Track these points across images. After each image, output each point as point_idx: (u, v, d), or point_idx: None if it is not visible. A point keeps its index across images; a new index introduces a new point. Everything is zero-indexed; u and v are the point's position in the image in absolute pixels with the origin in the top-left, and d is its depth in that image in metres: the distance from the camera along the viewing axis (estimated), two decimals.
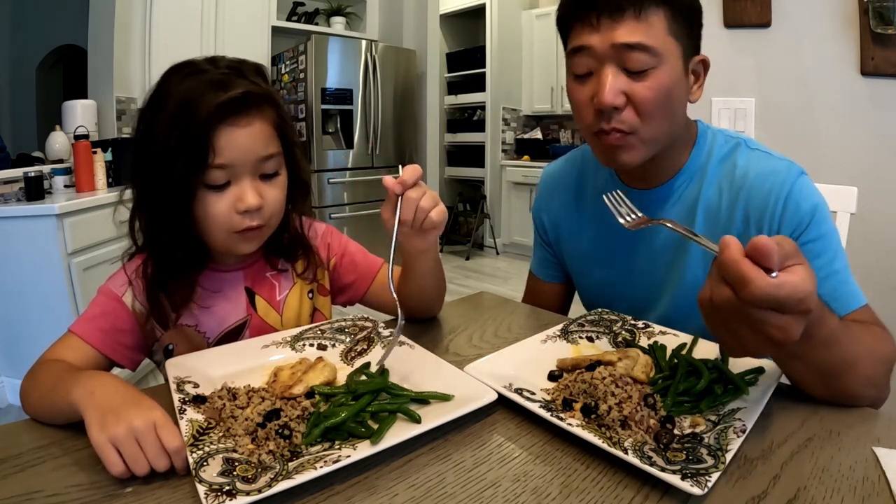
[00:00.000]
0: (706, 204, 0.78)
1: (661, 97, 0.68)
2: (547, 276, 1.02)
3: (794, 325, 0.42)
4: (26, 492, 0.45)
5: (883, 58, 1.28)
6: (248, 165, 0.68)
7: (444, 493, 0.45)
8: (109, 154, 2.58)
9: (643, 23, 0.66)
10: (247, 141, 0.67)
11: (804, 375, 0.56)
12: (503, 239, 5.04)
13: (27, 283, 2.04)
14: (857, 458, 0.48)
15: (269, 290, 0.81)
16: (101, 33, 2.90)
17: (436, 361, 0.66)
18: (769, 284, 0.40)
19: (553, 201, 0.97)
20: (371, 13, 4.22)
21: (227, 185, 0.68)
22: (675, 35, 0.68)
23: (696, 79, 0.74)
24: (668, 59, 0.68)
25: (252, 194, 0.68)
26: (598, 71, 0.69)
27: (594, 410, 0.53)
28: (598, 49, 0.67)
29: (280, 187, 0.74)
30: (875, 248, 1.32)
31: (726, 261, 0.42)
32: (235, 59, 0.73)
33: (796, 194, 0.72)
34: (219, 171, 0.67)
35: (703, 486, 0.41)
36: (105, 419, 0.47)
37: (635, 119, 0.69)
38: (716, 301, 0.44)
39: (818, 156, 1.40)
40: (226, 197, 0.68)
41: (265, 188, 0.71)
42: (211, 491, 0.41)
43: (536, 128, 5.18)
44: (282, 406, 0.54)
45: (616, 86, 0.67)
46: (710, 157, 0.79)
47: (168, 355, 0.75)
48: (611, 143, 0.71)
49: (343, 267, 0.89)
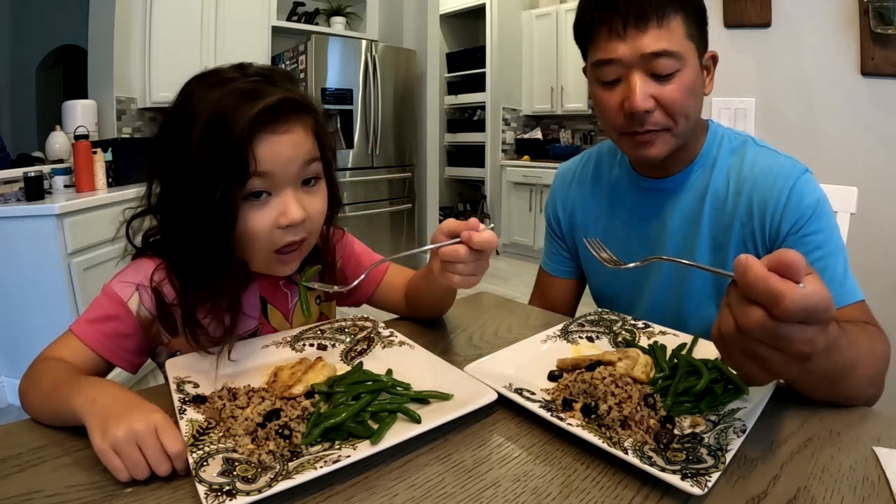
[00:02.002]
0: (714, 192, 0.81)
1: (686, 97, 0.72)
2: (557, 271, 1.03)
3: (819, 336, 0.40)
4: (26, 492, 0.44)
5: (883, 58, 1.29)
6: (291, 175, 0.65)
7: (444, 493, 0.45)
8: (109, 154, 2.58)
9: (665, 29, 0.70)
10: (288, 148, 0.64)
11: (807, 384, 0.56)
12: (503, 239, 5.04)
13: (27, 284, 2.04)
14: (857, 458, 0.48)
15: (281, 300, 0.80)
16: (101, 33, 2.90)
17: (436, 361, 0.66)
18: (803, 296, 0.38)
19: (569, 192, 0.99)
20: (371, 13, 4.22)
21: (268, 197, 0.64)
22: (691, 37, 0.73)
23: (707, 73, 0.79)
24: (689, 60, 0.72)
25: (296, 207, 0.65)
26: (626, 77, 0.73)
27: (594, 410, 0.53)
28: (626, 59, 0.71)
29: (322, 196, 0.70)
30: (875, 248, 1.32)
31: (753, 279, 0.39)
32: (265, 67, 0.69)
33: (800, 188, 0.75)
34: (258, 180, 0.63)
35: (703, 486, 0.41)
36: (106, 425, 0.47)
37: (665, 119, 0.73)
38: (745, 326, 0.41)
39: (818, 156, 1.40)
40: (267, 211, 0.64)
41: (307, 199, 0.67)
42: (211, 491, 0.41)
43: (536, 128, 5.18)
44: (282, 406, 0.54)
45: (646, 91, 0.71)
46: (721, 148, 0.83)
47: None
48: (643, 140, 0.75)
49: (349, 270, 0.88)
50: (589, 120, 4.92)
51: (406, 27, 4.11)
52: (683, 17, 0.71)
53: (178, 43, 3.02)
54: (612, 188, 0.93)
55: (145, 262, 0.71)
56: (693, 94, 0.73)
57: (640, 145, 0.76)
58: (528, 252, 4.80)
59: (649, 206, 0.87)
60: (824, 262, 0.71)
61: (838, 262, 0.72)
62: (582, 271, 1.01)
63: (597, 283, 0.98)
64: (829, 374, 0.54)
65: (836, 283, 0.70)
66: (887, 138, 1.32)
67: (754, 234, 0.77)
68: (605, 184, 0.94)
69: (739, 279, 0.40)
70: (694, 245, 0.82)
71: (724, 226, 0.80)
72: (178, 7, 3.05)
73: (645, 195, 0.88)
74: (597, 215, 0.94)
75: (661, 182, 0.85)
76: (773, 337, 0.40)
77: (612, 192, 0.93)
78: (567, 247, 1.01)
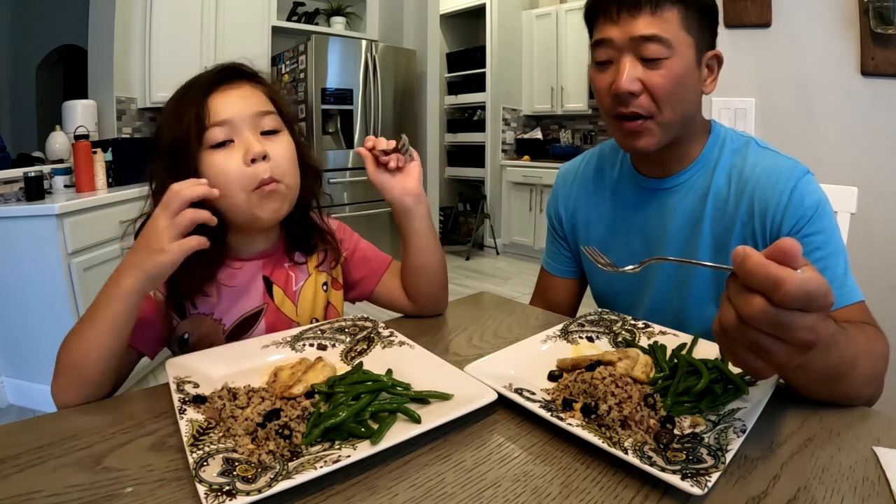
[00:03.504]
0: (716, 192, 0.82)
1: (673, 85, 0.73)
2: (559, 270, 1.03)
3: (820, 323, 0.41)
4: (26, 492, 0.45)
5: (883, 58, 1.29)
6: (246, 120, 0.72)
7: (444, 493, 0.45)
8: (109, 154, 2.58)
9: (658, 17, 0.71)
10: (238, 99, 0.72)
11: (806, 384, 0.56)
12: (503, 239, 5.04)
13: (27, 284, 2.04)
14: (857, 458, 0.48)
15: (285, 281, 0.82)
16: (101, 33, 2.90)
17: (436, 361, 0.66)
18: (802, 280, 0.38)
19: (570, 191, 0.99)
20: (371, 13, 4.22)
21: (230, 144, 0.71)
22: (688, 30, 0.73)
23: (710, 72, 0.79)
24: (681, 51, 0.73)
25: (257, 144, 0.71)
26: (617, 60, 0.75)
27: (594, 410, 0.53)
28: (617, 41, 0.73)
29: (285, 144, 0.76)
30: (875, 248, 1.32)
31: (752, 267, 0.39)
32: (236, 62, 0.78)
33: (801, 189, 0.75)
34: (218, 129, 0.71)
35: (703, 486, 0.41)
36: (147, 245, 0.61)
37: (650, 104, 0.74)
38: (746, 314, 0.41)
39: (818, 156, 1.40)
40: (233, 153, 0.71)
41: (269, 143, 0.73)
42: (211, 491, 0.41)
43: (536, 128, 5.18)
44: (282, 406, 0.54)
45: (633, 73, 0.73)
46: (723, 149, 0.83)
47: (183, 344, 0.76)
48: (630, 129, 0.76)
49: (354, 263, 0.91)
50: (589, 120, 4.92)
51: (406, 27, 4.11)
52: (681, 10, 0.72)
53: (178, 43, 3.02)
54: (613, 188, 0.93)
55: None
56: (681, 85, 0.74)
57: (628, 134, 0.77)
58: (528, 252, 4.80)
59: (651, 206, 0.87)
60: (825, 263, 0.71)
61: (839, 262, 0.72)
62: (584, 271, 1.01)
63: (597, 285, 0.98)
64: (829, 373, 0.54)
65: (837, 284, 0.70)
66: (887, 138, 1.32)
67: (755, 234, 0.77)
68: (608, 183, 0.94)
69: (738, 268, 0.41)
70: (696, 245, 0.82)
71: (726, 226, 0.80)
72: (178, 7, 3.05)
73: (646, 195, 0.88)
74: (599, 215, 0.94)
75: (662, 182, 0.86)
76: (774, 325, 0.40)
77: (613, 192, 0.93)
78: (569, 246, 1.01)
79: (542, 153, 4.83)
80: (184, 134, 0.70)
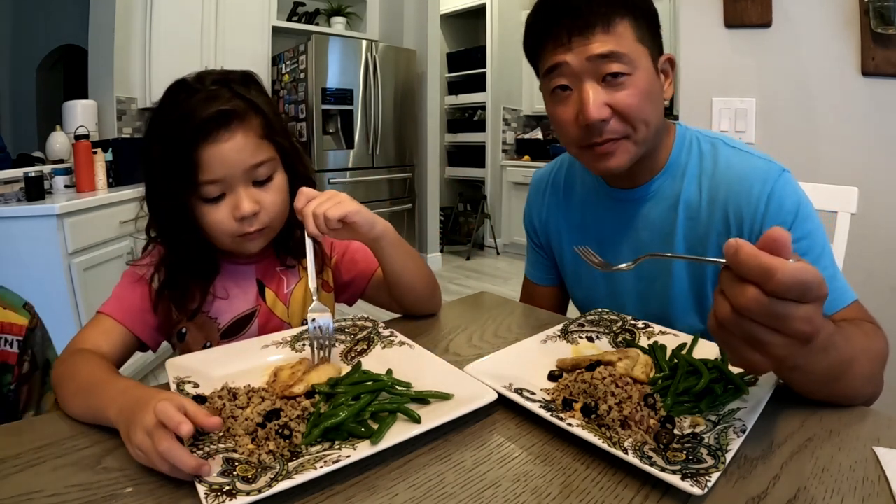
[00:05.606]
0: (686, 201, 0.79)
1: (642, 101, 0.70)
2: (540, 279, 1.02)
3: (815, 314, 0.41)
4: (26, 492, 0.45)
5: (883, 58, 1.28)
6: (238, 176, 0.71)
7: (444, 493, 0.45)
8: (110, 154, 2.58)
9: (612, 34, 0.68)
10: (231, 154, 0.69)
11: (805, 384, 0.56)
12: (503, 239, 5.04)
13: (27, 284, 2.02)
14: (857, 458, 0.48)
15: (277, 284, 0.84)
16: (101, 33, 2.90)
17: (436, 361, 0.66)
18: (795, 269, 0.38)
19: (543, 200, 0.98)
20: (371, 13, 4.22)
21: (222, 197, 0.71)
22: (642, 40, 0.71)
23: (665, 77, 0.76)
24: (641, 64, 0.70)
25: (248, 202, 0.71)
26: (577, 88, 0.71)
27: (594, 410, 0.53)
28: (574, 65, 0.69)
29: (277, 191, 0.75)
30: (875, 248, 1.32)
31: (745, 258, 0.39)
32: (222, 72, 0.74)
33: (779, 193, 0.72)
34: (211, 186, 0.70)
35: (703, 486, 0.41)
36: (129, 431, 0.48)
37: (623, 126, 0.71)
38: (741, 305, 0.40)
39: (818, 156, 1.40)
40: (223, 208, 0.71)
41: (261, 194, 0.73)
42: (211, 491, 0.41)
43: (537, 128, 5.18)
44: (282, 406, 0.54)
45: (599, 99, 0.69)
46: (690, 155, 0.80)
47: (181, 339, 0.79)
48: (603, 151, 0.73)
49: (344, 265, 0.92)
50: None
51: (406, 27, 4.11)
52: (632, 22, 0.69)
53: (178, 43, 3.02)
54: (583, 197, 0.91)
55: (157, 247, 0.79)
56: (649, 99, 0.71)
57: (600, 157, 0.73)
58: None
59: (620, 218, 0.85)
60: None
61: (826, 266, 0.70)
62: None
63: (576, 294, 0.97)
64: (827, 372, 0.54)
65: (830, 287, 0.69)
66: (888, 138, 1.32)
67: None
68: (578, 190, 0.92)
69: (731, 259, 0.41)
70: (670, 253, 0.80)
71: (700, 236, 0.78)
72: (178, 7, 3.06)
73: (615, 206, 0.85)
74: (570, 225, 0.92)
75: (630, 192, 0.83)
76: (770, 315, 0.40)
77: (583, 202, 0.90)
78: (547, 255, 0.99)
79: (543, 153, 4.82)
80: (175, 180, 0.69)
